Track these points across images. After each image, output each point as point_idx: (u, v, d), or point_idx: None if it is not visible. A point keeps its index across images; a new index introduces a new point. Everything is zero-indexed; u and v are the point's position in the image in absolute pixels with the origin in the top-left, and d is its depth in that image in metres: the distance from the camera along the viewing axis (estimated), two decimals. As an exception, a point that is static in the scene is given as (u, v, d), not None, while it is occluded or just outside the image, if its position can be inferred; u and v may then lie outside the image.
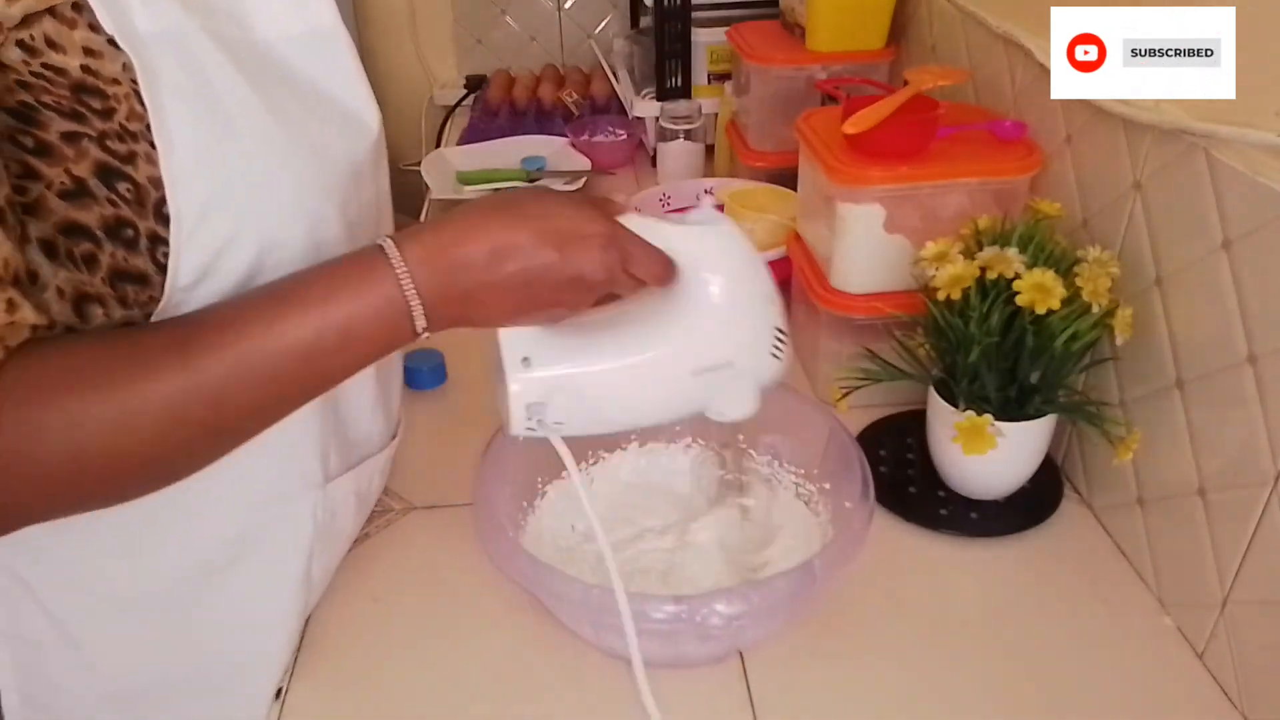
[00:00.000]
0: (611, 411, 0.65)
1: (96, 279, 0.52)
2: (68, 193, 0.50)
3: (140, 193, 0.52)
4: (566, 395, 0.62)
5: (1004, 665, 0.69)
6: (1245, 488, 0.64)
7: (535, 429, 0.62)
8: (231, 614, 0.66)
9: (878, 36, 1.22)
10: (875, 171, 0.85)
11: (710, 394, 0.65)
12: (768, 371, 0.66)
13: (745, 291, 0.65)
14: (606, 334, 0.64)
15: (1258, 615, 0.64)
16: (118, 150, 0.51)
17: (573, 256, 0.56)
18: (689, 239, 0.62)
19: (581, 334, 0.63)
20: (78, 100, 0.49)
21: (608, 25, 1.98)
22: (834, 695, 0.68)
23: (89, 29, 0.49)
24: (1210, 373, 0.67)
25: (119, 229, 0.52)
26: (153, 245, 0.53)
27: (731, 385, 0.65)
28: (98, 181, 0.51)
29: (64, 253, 0.51)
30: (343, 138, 0.62)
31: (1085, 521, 0.82)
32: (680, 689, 0.68)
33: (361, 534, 0.80)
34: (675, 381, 0.64)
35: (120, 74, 0.50)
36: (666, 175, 1.40)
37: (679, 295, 0.62)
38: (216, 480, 0.59)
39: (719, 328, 0.64)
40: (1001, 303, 0.74)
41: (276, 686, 0.68)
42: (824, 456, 0.78)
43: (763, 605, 0.64)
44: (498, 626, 0.74)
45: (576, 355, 0.63)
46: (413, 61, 2.04)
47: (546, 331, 0.62)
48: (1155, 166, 0.71)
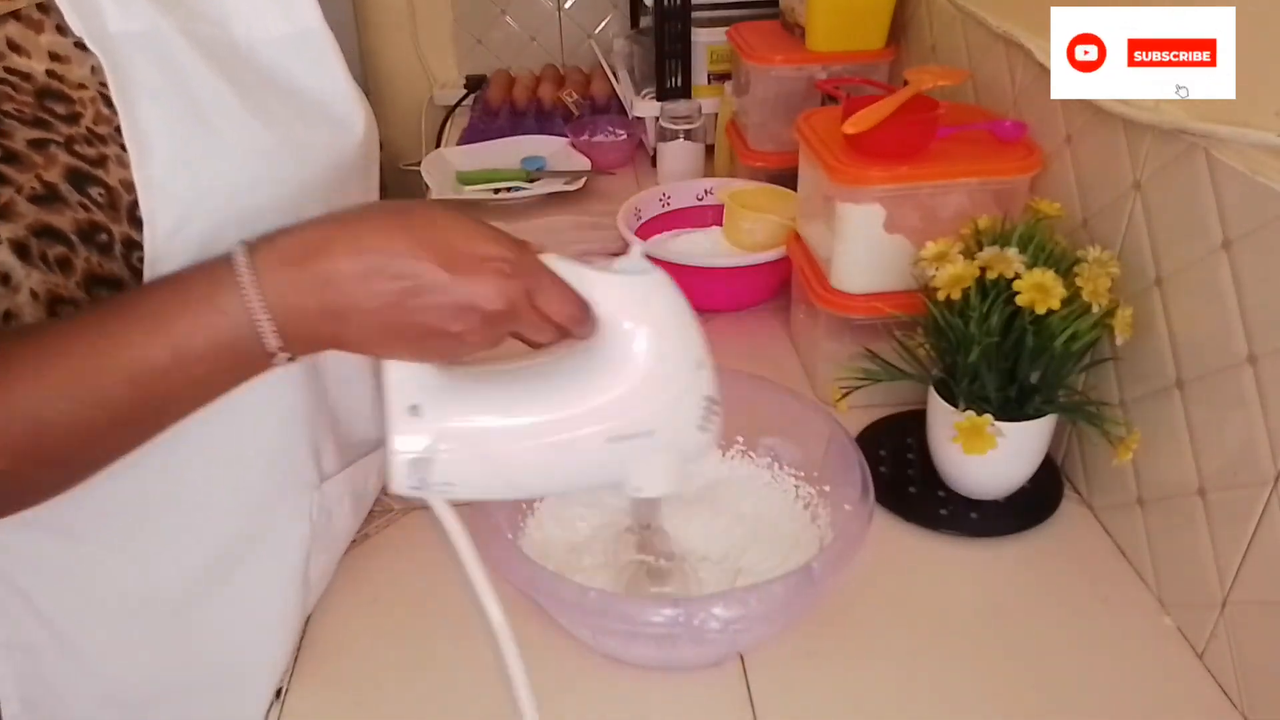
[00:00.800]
0: (510, 476, 0.57)
1: (71, 283, 0.51)
2: (39, 197, 0.49)
3: (112, 196, 0.51)
4: (458, 453, 0.55)
5: (1004, 665, 0.69)
6: (1245, 488, 0.64)
7: (419, 488, 0.55)
8: (230, 616, 0.65)
9: (878, 36, 1.22)
10: (875, 171, 0.85)
11: (626, 466, 0.58)
12: (693, 445, 0.59)
13: (674, 352, 0.57)
14: (511, 387, 0.57)
15: (1258, 615, 0.64)
16: (87, 154, 0.50)
17: (465, 278, 0.49)
18: (614, 288, 0.55)
19: (482, 385, 0.56)
20: (41, 106, 0.49)
21: (608, 25, 1.98)
22: (834, 696, 0.68)
23: (56, 31, 0.49)
24: (1210, 373, 0.67)
25: (92, 233, 0.51)
26: (127, 250, 0.52)
27: (651, 458, 0.58)
28: (69, 186, 0.50)
29: (37, 255, 0.50)
30: (327, 139, 0.61)
31: (1085, 521, 0.82)
32: (680, 691, 0.68)
33: (361, 534, 0.80)
34: (587, 447, 0.57)
35: (87, 78, 0.50)
36: (666, 175, 1.40)
37: (598, 351, 0.56)
38: (211, 482, 0.59)
39: (642, 391, 0.56)
40: (1001, 303, 0.74)
41: (276, 687, 0.68)
42: (824, 458, 0.78)
43: (761, 609, 0.64)
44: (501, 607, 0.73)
45: (473, 407, 0.55)
46: (413, 61, 2.04)
47: (443, 378, 0.55)
48: (1155, 166, 0.71)
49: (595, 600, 0.63)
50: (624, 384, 0.56)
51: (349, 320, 0.49)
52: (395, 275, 0.49)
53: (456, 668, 0.70)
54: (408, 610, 0.75)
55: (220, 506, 0.62)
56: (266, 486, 0.64)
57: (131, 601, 0.62)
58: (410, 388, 0.54)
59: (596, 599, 0.63)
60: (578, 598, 0.64)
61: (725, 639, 0.68)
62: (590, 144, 1.54)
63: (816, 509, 0.78)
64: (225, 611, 0.65)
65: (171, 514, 0.60)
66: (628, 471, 0.59)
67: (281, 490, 0.65)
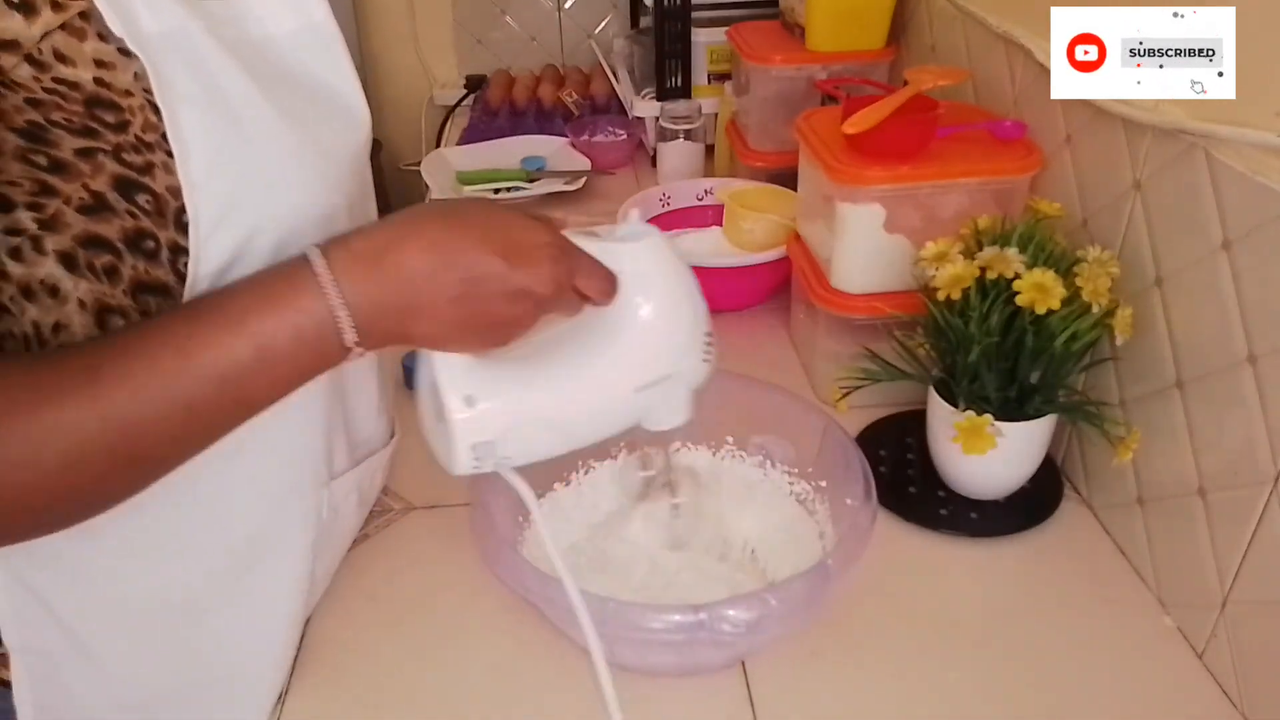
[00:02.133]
0: (557, 439, 0.63)
1: (118, 291, 0.52)
2: (86, 207, 0.50)
3: (159, 203, 0.51)
4: (515, 429, 0.59)
5: (1004, 665, 0.69)
6: (1245, 488, 0.64)
7: (480, 466, 0.60)
8: (240, 617, 0.65)
9: (878, 36, 1.22)
10: (875, 171, 0.85)
11: (650, 407, 0.65)
12: (701, 376, 0.65)
13: (681, 302, 0.63)
14: (547, 362, 0.62)
15: (1258, 615, 0.64)
16: (134, 162, 0.50)
17: (521, 267, 0.53)
18: (622, 256, 0.60)
19: (520, 364, 0.61)
20: (90, 115, 0.49)
21: (608, 25, 1.98)
22: (834, 696, 0.68)
23: (98, 39, 0.49)
24: (1210, 373, 0.67)
25: (140, 240, 0.52)
26: (174, 256, 0.52)
27: (669, 396, 0.65)
28: (117, 195, 0.50)
29: (84, 265, 0.51)
30: (341, 132, 0.62)
31: (1085, 521, 0.82)
32: (681, 693, 0.68)
33: (361, 534, 0.80)
34: (619, 400, 0.63)
35: (132, 84, 0.50)
36: (666, 175, 1.40)
37: (614, 313, 0.61)
38: (228, 482, 0.59)
39: (658, 342, 0.63)
40: (1001, 303, 0.74)
41: (281, 687, 0.68)
42: (819, 454, 0.78)
43: (781, 608, 0.63)
44: (497, 627, 0.73)
45: (520, 387, 0.60)
46: (413, 61, 2.04)
47: (482, 365, 0.59)
48: (1155, 166, 0.71)
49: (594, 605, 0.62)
50: (645, 339, 0.62)
51: (422, 314, 0.52)
52: (462, 267, 0.52)
53: (457, 668, 0.70)
54: (408, 610, 0.75)
55: (238, 504, 0.62)
56: (283, 484, 0.64)
57: (149, 604, 0.62)
58: (461, 379, 0.58)
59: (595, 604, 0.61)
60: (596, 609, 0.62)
61: (743, 641, 0.67)
62: (590, 144, 1.54)
63: (813, 505, 0.78)
64: (236, 612, 0.65)
65: (191, 512, 0.59)
66: (650, 411, 0.65)
67: (297, 488, 0.65)
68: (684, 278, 0.64)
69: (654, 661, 0.69)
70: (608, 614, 0.62)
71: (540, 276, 0.54)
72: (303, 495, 0.65)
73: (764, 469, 0.82)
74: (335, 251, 0.51)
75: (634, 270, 0.60)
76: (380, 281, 0.51)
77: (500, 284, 0.53)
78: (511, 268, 0.53)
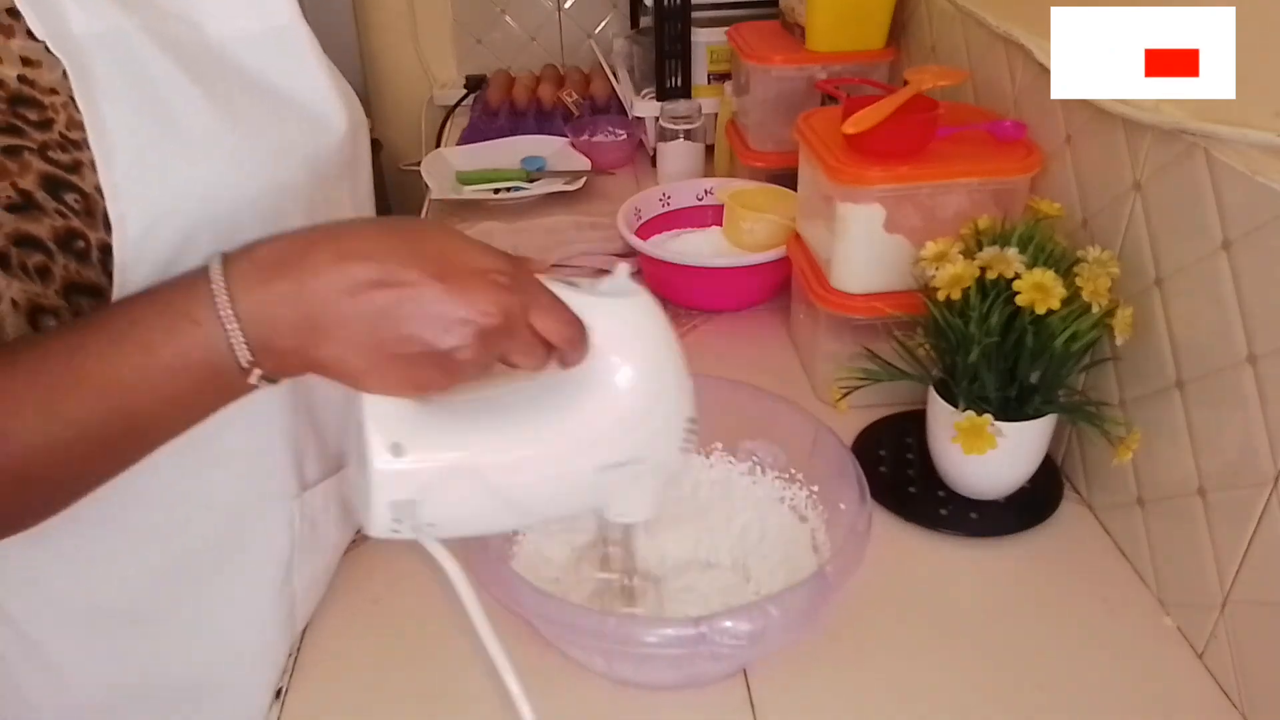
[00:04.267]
0: (496, 511, 0.54)
1: (50, 291, 0.50)
2: (15, 205, 0.48)
3: (89, 203, 0.50)
4: (445, 489, 0.51)
5: (1004, 665, 0.69)
6: (1245, 488, 0.64)
7: (400, 530, 0.51)
8: (205, 626, 0.64)
9: (878, 36, 1.22)
10: (875, 171, 0.85)
11: (612, 492, 0.56)
12: (675, 465, 0.57)
13: (661, 379, 0.55)
14: (495, 418, 0.52)
15: (1258, 615, 0.64)
16: (61, 161, 0.49)
17: (459, 289, 0.45)
18: (600, 312, 0.51)
19: (464, 416, 0.52)
20: (13, 113, 0.48)
21: (608, 25, 1.98)
22: (834, 697, 0.68)
23: (27, 36, 0.48)
24: (1210, 373, 0.67)
25: (70, 240, 0.50)
26: (104, 256, 0.51)
27: (636, 483, 0.56)
28: (45, 194, 0.49)
29: (16, 264, 0.49)
30: (305, 137, 0.60)
31: (1085, 521, 0.82)
32: (681, 697, 0.68)
33: (360, 535, 0.80)
34: (577, 477, 0.54)
35: (59, 82, 0.49)
36: (666, 175, 1.40)
37: (584, 374, 0.52)
38: (179, 483, 0.58)
39: (631, 418, 0.54)
40: (1001, 303, 0.74)
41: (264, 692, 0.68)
42: (810, 457, 0.77)
43: (781, 619, 0.61)
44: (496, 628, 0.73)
45: (460, 443, 0.51)
46: (413, 61, 2.04)
47: (422, 412, 0.50)
48: (1155, 166, 0.71)
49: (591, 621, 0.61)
50: (613, 413, 0.54)
51: (329, 334, 0.45)
52: (381, 284, 0.45)
53: (456, 668, 0.70)
54: (407, 611, 0.75)
55: (189, 509, 0.61)
56: (240, 492, 0.62)
57: (101, 609, 0.61)
58: (390, 423, 0.49)
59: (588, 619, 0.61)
60: (596, 625, 0.60)
61: (745, 652, 0.66)
62: (590, 144, 1.54)
63: (805, 510, 0.78)
64: (200, 621, 0.64)
65: (138, 513, 0.58)
66: (613, 498, 0.57)
67: (258, 498, 0.64)
68: (671, 349, 0.55)
69: (654, 676, 0.69)
70: (606, 629, 0.61)
71: (481, 304, 0.46)
72: (264, 505, 0.64)
73: (754, 475, 0.81)
74: (237, 259, 0.46)
75: (612, 329, 0.52)
76: (279, 292, 0.45)
77: (430, 306, 0.45)
78: (446, 290, 0.45)
